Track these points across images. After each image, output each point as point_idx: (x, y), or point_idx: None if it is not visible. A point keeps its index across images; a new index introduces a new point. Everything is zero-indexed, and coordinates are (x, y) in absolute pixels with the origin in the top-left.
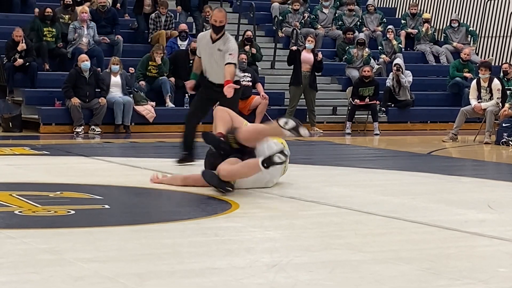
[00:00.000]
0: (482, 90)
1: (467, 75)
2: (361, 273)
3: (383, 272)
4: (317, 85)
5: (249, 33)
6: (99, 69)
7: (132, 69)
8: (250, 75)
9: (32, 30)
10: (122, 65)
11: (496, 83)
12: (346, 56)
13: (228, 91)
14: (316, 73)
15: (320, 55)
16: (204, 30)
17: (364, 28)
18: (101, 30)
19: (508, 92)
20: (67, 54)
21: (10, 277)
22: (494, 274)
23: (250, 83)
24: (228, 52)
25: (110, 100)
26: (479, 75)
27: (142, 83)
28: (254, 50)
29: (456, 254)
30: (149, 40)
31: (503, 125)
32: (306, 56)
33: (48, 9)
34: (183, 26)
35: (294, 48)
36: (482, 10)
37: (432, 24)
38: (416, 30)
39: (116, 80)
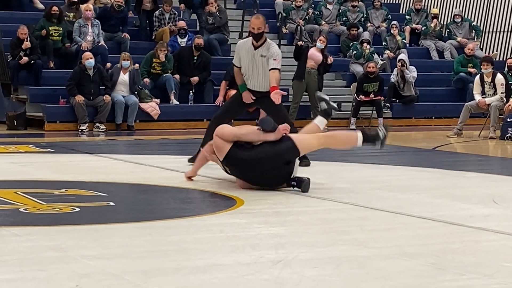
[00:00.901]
0: (485, 85)
1: (472, 70)
2: (367, 268)
3: (388, 267)
4: (322, 81)
5: None
6: (109, 64)
7: (137, 65)
8: None
9: (39, 29)
10: (133, 61)
11: (499, 78)
12: (355, 52)
13: (276, 98)
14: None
15: (331, 59)
16: (207, 26)
17: (369, 24)
18: (109, 28)
19: None
20: (72, 52)
21: (16, 275)
22: (499, 268)
23: None
24: (272, 57)
25: (113, 98)
26: (482, 70)
27: (147, 80)
28: None
29: (461, 249)
30: (153, 37)
31: (508, 120)
32: (315, 54)
33: (54, 8)
34: (181, 23)
35: (301, 43)
36: (486, 5)
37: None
38: (421, 26)
39: (124, 78)
